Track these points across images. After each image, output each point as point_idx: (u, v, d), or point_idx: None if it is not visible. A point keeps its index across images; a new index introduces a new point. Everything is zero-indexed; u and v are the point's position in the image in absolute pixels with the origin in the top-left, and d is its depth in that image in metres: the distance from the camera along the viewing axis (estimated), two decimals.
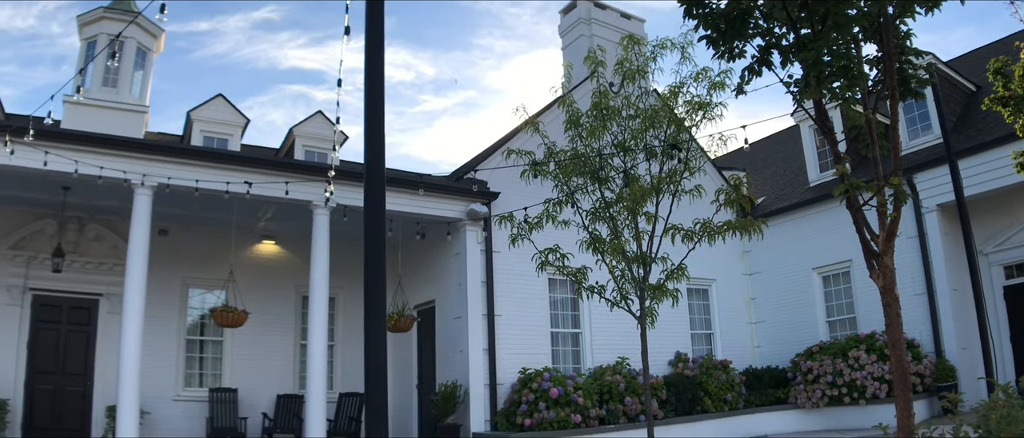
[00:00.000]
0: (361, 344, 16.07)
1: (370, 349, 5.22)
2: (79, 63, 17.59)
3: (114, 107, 16.40)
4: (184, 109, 56.92)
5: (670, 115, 9.95)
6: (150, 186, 12.89)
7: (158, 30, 17.91)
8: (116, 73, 16.95)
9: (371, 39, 5.52)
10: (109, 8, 17.35)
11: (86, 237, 16.00)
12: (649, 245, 9.84)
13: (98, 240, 16.12)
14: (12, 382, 15.06)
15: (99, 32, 17.03)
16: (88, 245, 16.04)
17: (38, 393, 15.41)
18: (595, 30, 17.96)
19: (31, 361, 15.46)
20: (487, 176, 15.41)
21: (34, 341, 15.54)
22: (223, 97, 17.78)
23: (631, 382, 15.05)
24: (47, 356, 15.63)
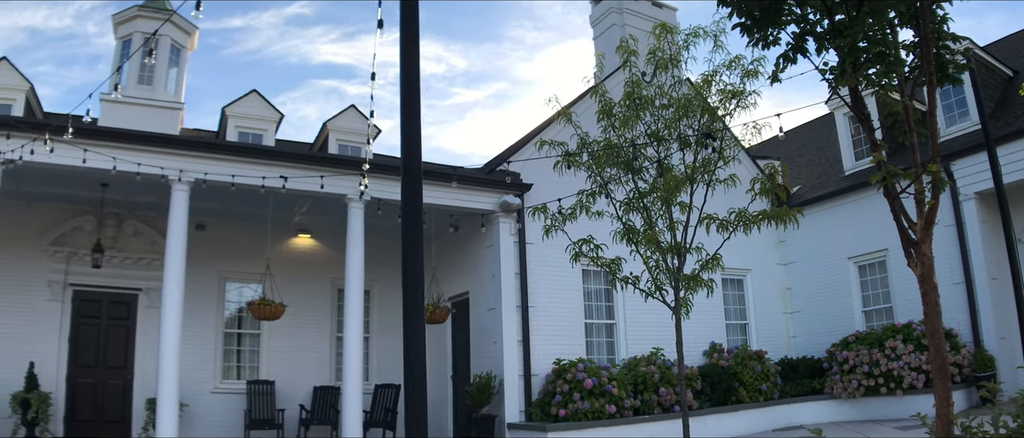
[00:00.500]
0: (396, 336, 16.32)
1: (409, 341, 5.24)
2: (114, 62, 17.82)
3: (150, 104, 16.61)
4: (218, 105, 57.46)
5: (703, 104, 9.90)
6: (187, 182, 13.06)
7: (192, 27, 18.09)
8: (151, 71, 17.15)
9: (405, 32, 5.55)
10: (143, 7, 17.56)
11: (124, 233, 16.23)
12: (684, 235, 9.81)
13: (136, 236, 16.34)
14: (54, 376, 15.31)
15: (134, 30, 17.24)
16: (127, 241, 16.27)
17: (80, 387, 15.67)
18: (627, 19, 17.90)
19: (72, 355, 15.72)
20: (520, 168, 15.43)
21: (75, 336, 15.80)
22: (257, 93, 17.93)
23: (666, 373, 15.03)
24: (88, 350, 15.89)
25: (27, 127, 12.17)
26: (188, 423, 15.12)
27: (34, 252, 15.62)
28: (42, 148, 11.48)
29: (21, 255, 15.32)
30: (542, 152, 10.49)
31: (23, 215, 15.49)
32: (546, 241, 10.48)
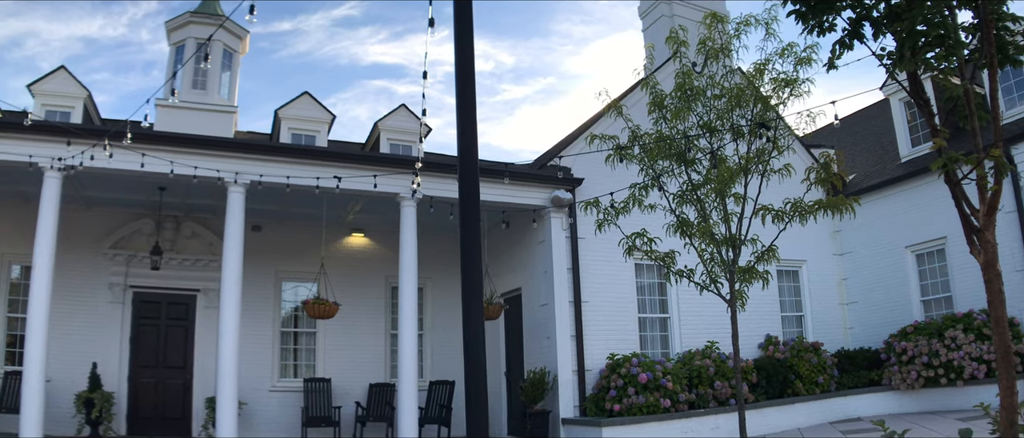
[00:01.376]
0: (449, 333, 16.41)
1: (469, 338, 5.26)
2: (168, 67, 18.11)
3: (204, 108, 16.86)
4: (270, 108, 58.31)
5: (756, 93, 9.81)
6: (243, 184, 13.27)
7: (243, 32, 18.32)
8: (205, 75, 17.40)
9: (460, 28, 5.57)
10: (195, 12, 17.81)
11: (182, 235, 16.53)
12: (738, 227, 9.73)
13: (194, 237, 16.63)
14: (116, 376, 15.67)
15: (187, 36, 17.51)
16: (184, 243, 16.57)
17: (141, 386, 16.01)
18: (676, 10, 17.74)
19: (133, 356, 16.05)
20: (570, 162, 15.42)
21: (136, 337, 16.14)
22: (309, 95, 18.11)
23: (721, 366, 14.94)
24: (148, 351, 16.21)
25: (86, 134, 12.44)
26: (247, 421, 15.36)
27: (95, 256, 15.99)
28: (101, 154, 11.73)
29: (83, 259, 15.69)
30: (593, 146, 10.46)
31: (84, 219, 15.86)
32: (598, 236, 10.43)
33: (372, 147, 18.99)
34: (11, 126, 12.73)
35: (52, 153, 12.49)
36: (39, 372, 12.08)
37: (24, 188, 14.57)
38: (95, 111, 18.04)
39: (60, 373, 14.61)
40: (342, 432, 16.03)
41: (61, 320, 14.32)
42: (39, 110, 16.11)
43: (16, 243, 15.32)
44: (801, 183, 9.78)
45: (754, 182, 9.79)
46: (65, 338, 14.97)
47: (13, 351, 15.56)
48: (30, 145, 12.50)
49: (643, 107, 10.66)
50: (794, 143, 10.87)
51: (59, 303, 13.30)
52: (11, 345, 15.64)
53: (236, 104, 17.97)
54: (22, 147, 12.50)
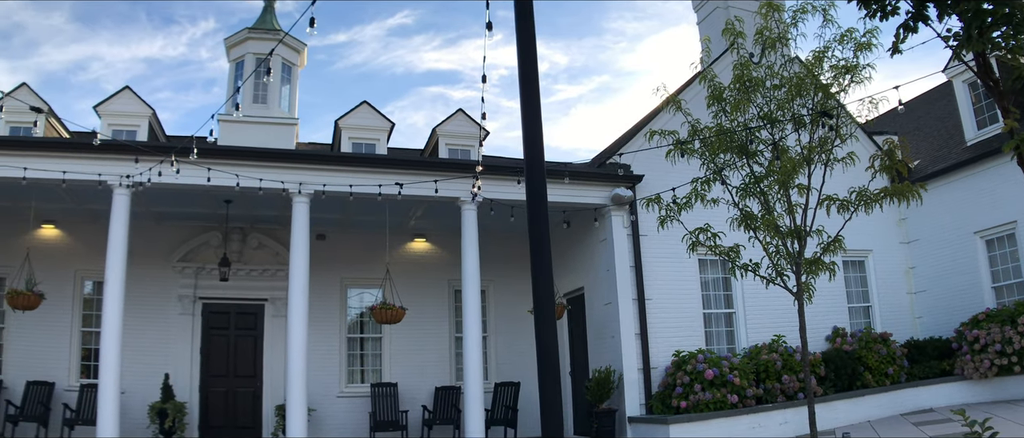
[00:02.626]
0: (513, 334, 16.46)
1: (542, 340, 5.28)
2: (229, 83, 18.48)
3: (266, 121, 17.17)
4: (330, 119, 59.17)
5: (816, 82, 9.70)
6: (307, 194, 13.51)
7: (300, 45, 18.61)
8: (265, 89, 17.73)
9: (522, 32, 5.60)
10: (253, 28, 18.15)
11: (249, 246, 16.83)
12: (803, 218, 9.63)
13: (260, 248, 16.93)
14: (188, 386, 16.02)
15: (245, 52, 17.86)
16: (251, 253, 16.87)
17: (212, 395, 16.33)
18: (731, 1, 17.58)
19: (204, 366, 16.38)
20: (630, 159, 15.38)
21: (206, 347, 16.47)
22: (368, 104, 18.31)
23: (788, 360, 14.78)
24: (219, 360, 16.54)
25: (153, 151, 12.77)
26: (315, 427, 15.58)
27: (165, 269, 16.37)
28: (169, 170, 12.02)
29: (153, 272, 16.07)
30: (653, 142, 10.44)
31: (153, 234, 16.25)
32: (661, 232, 10.37)
33: (431, 153, 19.13)
34: (80, 146, 13.13)
35: (120, 171, 12.83)
36: (114, 384, 12.39)
37: (94, 206, 14.96)
38: (160, 129, 18.45)
39: (134, 384, 14.97)
40: (409, 435, 16.19)
41: (133, 333, 14.66)
42: (106, 130, 16.52)
43: (89, 259, 15.75)
44: (865, 171, 9.65)
45: (817, 172, 9.68)
46: (138, 350, 15.33)
47: (88, 365, 15.99)
48: (99, 164, 12.88)
49: (701, 101, 10.60)
50: (856, 131, 10.71)
51: (131, 316, 13.62)
52: (86, 358, 16.09)
53: (297, 116, 18.27)
54: (91, 166, 12.88)
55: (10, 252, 15.53)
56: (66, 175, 12.72)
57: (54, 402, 15.19)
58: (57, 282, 15.49)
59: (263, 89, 17.75)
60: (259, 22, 18.74)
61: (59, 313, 15.73)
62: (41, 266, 14.64)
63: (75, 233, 16.40)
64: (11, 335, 15.77)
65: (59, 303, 15.56)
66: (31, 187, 13.19)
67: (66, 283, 16.02)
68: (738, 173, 10.11)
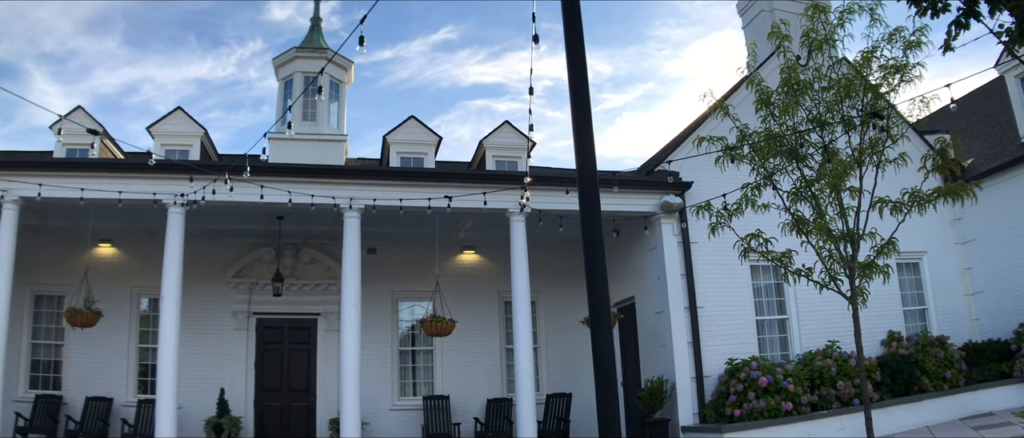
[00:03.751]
0: (563, 345, 16.46)
1: (599, 351, 5.25)
2: (278, 101, 18.76)
3: (315, 138, 17.39)
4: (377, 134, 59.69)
5: (865, 82, 9.60)
6: (358, 209, 13.69)
7: (347, 63, 18.83)
8: (314, 107, 17.97)
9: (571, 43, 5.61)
10: (301, 47, 18.42)
11: (301, 261, 17.05)
12: (855, 221, 9.52)
13: (312, 263, 17.13)
14: (243, 400, 16.24)
15: (294, 71, 18.13)
16: (304, 269, 17.08)
17: (267, 410, 16.52)
18: (776, 4, 17.40)
19: (259, 380, 16.60)
20: (678, 166, 15.29)
21: (260, 361, 16.69)
22: (415, 118, 18.43)
23: (843, 365, 14.59)
24: (273, 375, 16.74)
25: (207, 170, 13.01)
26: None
27: (219, 285, 16.64)
28: (222, 188, 12.23)
29: (208, 288, 16.34)
30: (701, 149, 10.39)
31: (208, 251, 16.52)
32: (711, 239, 10.32)
33: (478, 165, 19.21)
34: (136, 167, 13.43)
35: (175, 190, 13.11)
36: (171, 399, 12.63)
37: (149, 224, 15.28)
38: (211, 148, 18.74)
39: (190, 399, 15.20)
40: None
41: (189, 348, 14.92)
42: (159, 150, 16.82)
43: (144, 277, 16.06)
44: (917, 171, 9.54)
45: (869, 174, 9.57)
46: (193, 366, 15.59)
47: (145, 380, 16.27)
48: (154, 183, 13.19)
49: (749, 105, 10.53)
50: (907, 131, 10.58)
51: (187, 332, 13.86)
52: (143, 374, 16.39)
53: (345, 133, 18.48)
54: (147, 186, 13.19)
55: (68, 271, 15.90)
56: (122, 195, 13.02)
57: (112, 417, 15.50)
58: (114, 300, 15.81)
59: (312, 107, 17.99)
60: (306, 41, 19.00)
61: (116, 330, 16.05)
62: (98, 284, 14.95)
63: (131, 251, 16.73)
64: (70, 352, 16.14)
65: (116, 320, 15.87)
66: (88, 207, 13.52)
67: (123, 300, 16.35)
68: (788, 177, 10.03)
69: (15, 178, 12.99)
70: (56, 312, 16.35)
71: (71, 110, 16.33)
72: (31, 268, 15.45)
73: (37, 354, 16.35)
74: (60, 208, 14.08)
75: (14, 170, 13.16)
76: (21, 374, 15.96)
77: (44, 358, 16.34)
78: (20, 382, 15.88)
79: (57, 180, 13.01)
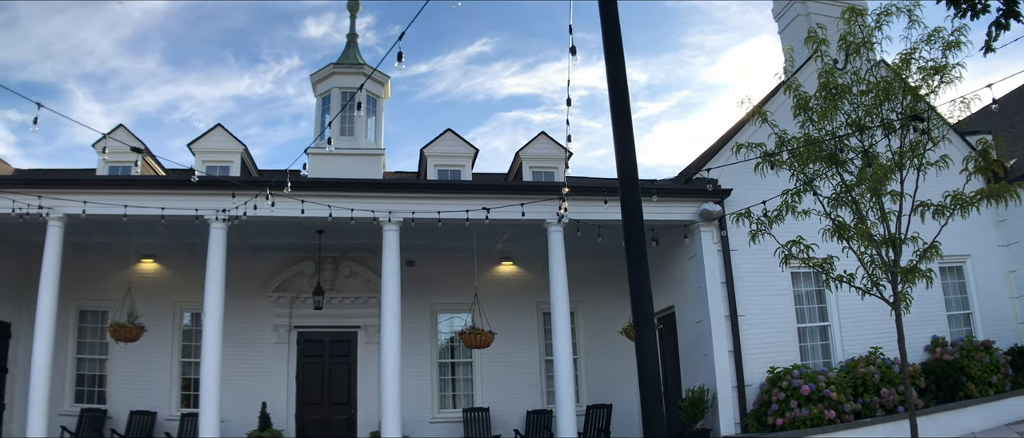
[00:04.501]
0: (603, 356, 16.40)
1: (643, 361, 5.27)
2: (316, 117, 18.97)
3: (354, 153, 17.53)
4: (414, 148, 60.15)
5: (904, 85, 9.52)
6: (396, 222, 13.80)
7: (384, 77, 18.99)
8: (352, 122, 18.13)
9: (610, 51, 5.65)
10: (338, 63, 18.61)
11: (341, 274, 17.18)
12: (897, 225, 9.44)
13: (352, 276, 17.25)
14: (285, 413, 16.38)
15: (331, 87, 18.33)
16: (343, 282, 17.21)
17: (308, 423, 16.64)
18: (811, 8, 17.29)
19: (300, 394, 16.72)
20: (717, 173, 15.20)
21: (301, 375, 16.82)
22: (452, 131, 18.50)
23: (886, 372, 14.42)
24: (313, 388, 16.85)
25: (249, 185, 13.17)
26: None
27: (260, 299, 16.82)
28: (264, 203, 12.40)
29: (250, 303, 16.52)
30: (740, 156, 10.35)
31: (249, 265, 16.70)
32: (752, 247, 10.25)
33: (515, 176, 19.25)
34: (178, 183, 13.65)
35: (217, 205, 13.30)
36: (214, 413, 12.77)
37: (190, 240, 15.50)
38: (252, 163, 18.95)
39: (232, 413, 15.34)
40: None
41: (231, 362, 15.01)
42: (200, 166, 17.03)
43: (186, 291, 16.28)
44: (959, 173, 9.45)
45: (910, 177, 9.49)
46: (235, 379, 15.70)
47: (188, 394, 16.47)
48: (196, 199, 13.38)
49: (787, 110, 10.48)
50: (949, 133, 10.48)
51: (228, 346, 13.98)
52: (185, 388, 16.58)
53: (383, 146, 18.63)
54: (189, 202, 13.38)
55: (112, 286, 16.15)
56: (165, 211, 13.22)
57: (156, 431, 15.73)
58: (157, 314, 16.03)
59: (350, 121, 18.15)
60: (343, 57, 19.19)
61: (159, 344, 16.28)
62: (141, 299, 15.17)
63: (173, 266, 16.97)
64: (115, 366, 16.41)
65: (159, 334, 16.09)
66: (131, 223, 13.73)
67: (165, 315, 16.58)
68: (828, 183, 9.96)
69: (60, 196, 13.22)
70: (100, 327, 16.64)
71: (113, 128, 16.59)
72: (75, 284, 15.72)
73: (82, 368, 16.65)
74: (103, 224, 14.33)
75: (59, 188, 13.40)
76: (67, 388, 16.25)
77: (89, 372, 16.63)
78: (66, 396, 16.17)
79: (101, 197, 13.24)
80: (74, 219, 13.47)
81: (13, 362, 16.10)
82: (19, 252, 16.17)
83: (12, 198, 13.12)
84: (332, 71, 18.44)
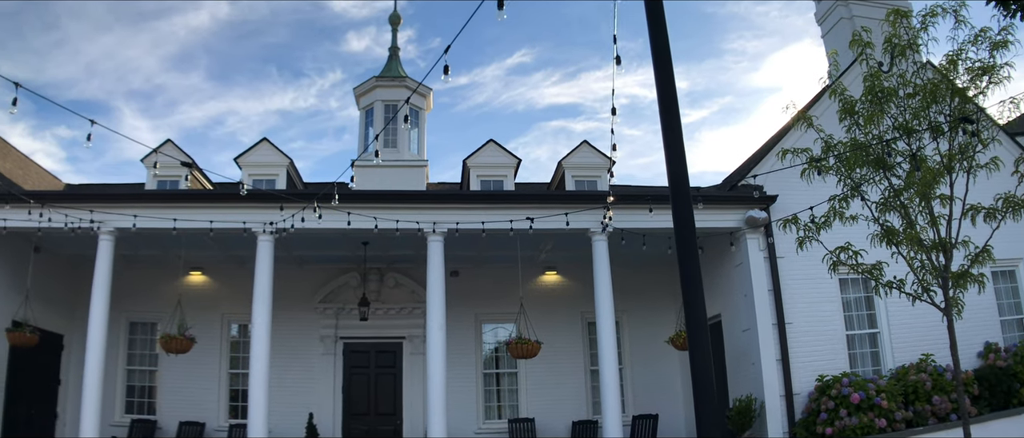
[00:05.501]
0: (649, 366, 16.32)
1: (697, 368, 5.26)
2: (360, 130, 19.18)
3: (397, 165, 17.69)
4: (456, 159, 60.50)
5: (951, 86, 9.39)
6: (441, 232, 13.92)
7: (426, 90, 19.15)
8: (395, 134, 18.30)
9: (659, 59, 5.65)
10: (380, 77, 18.80)
11: (386, 285, 17.30)
12: (948, 230, 9.30)
13: (397, 287, 17.37)
14: (331, 424, 16.55)
15: (374, 100, 18.52)
16: (388, 293, 17.33)
17: (354, 434, 16.76)
18: (855, 11, 17.13)
19: (346, 404, 16.85)
20: (762, 180, 15.09)
21: (347, 385, 16.96)
22: (494, 142, 18.57)
23: (938, 379, 14.18)
24: (360, 398, 16.98)
25: (296, 198, 13.38)
26: None
27: (306, 311, 16.99)
28: (311, 215, 12.60)
29: (297, 314, 16.69)
30: (785, 161, 10.27)
31: (295, 277, 16.89)
32: (799, 253, 10.16)
33: (557, 185, 19.26)
34: (226, 197, 13.89)
35: (264, 218, 13.49)
36: (262, 424, 12.92)
37: (238, 252, 15.70)
38: (297, 176, 19.17)
39: (279, 424, 15.52)
40: None
41: (278, 373, 15.22)
42: (246, 180, 17.25)
43: (234, 303, 16.52)
44: (1011, 176, 9.29)
45: (960, 180, 9.35)
46: (282, 390, 15.90)
47: (235, 405, 16.65)
48: (244, 213, 13.59)
49: (832, 115, 10.39)
50: (998, 134, 10.32)
51: (276, 357, 14.16)
52: (233, 399, 16.77)
53: (426, 158, 18.79)
54: (236, 215, 13.60)
55: (161, 299, 16.41)
56: (213, 224, 13.45)
57: None
58: (205, 326, 16.25)
59: (393, 134, 18.32)
60: (385, 70, 19.37)
61: (208, 356, 16.51)
62: (190, 311, 15.36)
63: (221, 279, 17.20)
64: (164, 378, 16.68)
65: (208, 346, 16.31)
66: (180, 236, 13.94)
67: (214, 326, 16.82)
68: (876, 187, 9.84)
69: (111, 210, 13.49)
70: (150, 338, 16.94)
71: (162, 143, 16.89)
72: (126, 296, 16.00)
73: (132, 379, 16.97)
74: (153, 238, 14.57)
75: (110, 202, 13.69)
76: (118, 399, 16.55)
77: (139, 383, 16.92)
78: (117, 406, 16.46)
79: (151, 211, 13.52)
80: (124, 232, 13.75)
81: (66, 373, 16.43)
82: (70, 266, 16.52)
83: (64, 213, 13.41)
84: (375, 84, 18.63)
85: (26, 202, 13.25)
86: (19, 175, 16.52)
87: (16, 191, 13.81)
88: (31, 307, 14.72)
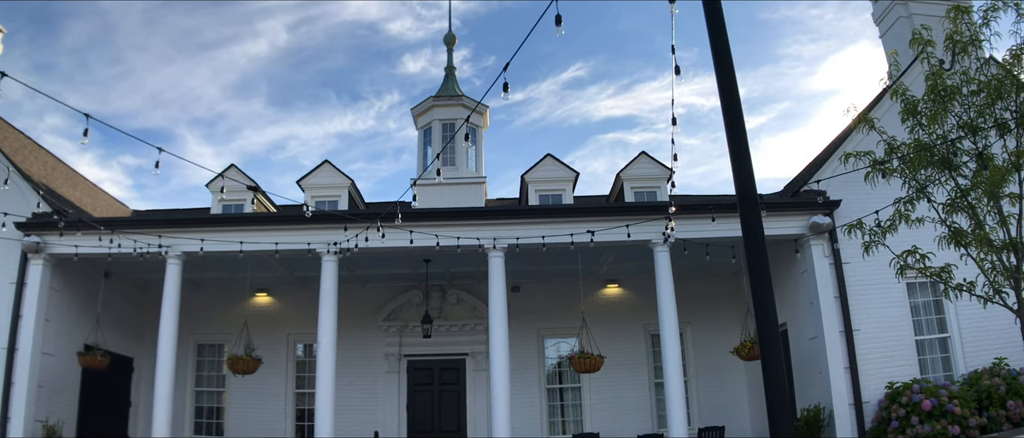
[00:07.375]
0: (714, 377, 16.19)
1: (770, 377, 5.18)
2: (418, 149, 19.41)
3: (456, 182, 17.83)
4: (514, 174, 60.65)
5: (1016, 81, 9.18)
6: (501, 248, 13.99)
7: (483, 108, 19.31)
8: (454, 152, 18.46)
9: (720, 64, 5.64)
10: (437, 97, 19.00)
11: (448, 302, 17.41)
12: (1018, 229, 9.10)
13: (459, 304, 17.47)
14: None
15: (432, 119, 18.74)
16: (450, 309, 17.43)
17: None
18: (913, 9, 16.84)
19: (411, 421, 16.95)
20: (825, 185, 14.90)
21: (412, 403, 17.07)
22: (552, 156, 18.62)
23: (1012, 384, 13.82)
24: (424, 415, 17.08)
25: (359, 218, 13.63)
26: None
27: (370, 329, 17.18)
28: (375, 234, 12.77)
29: (361, 333, 16.89)
30: (849, 165, 10.14)
31: (358, 296, 17.10)
32: (865, 259, 9.95)
33: (616, 197, 19.23)
34: (290, 219, 14.12)
35: (328, 239, 13.71)
36: None
37: (302, 273, 15.95)
38: (359, 197, 19.41)
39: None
40: None
41: (343, 391, 15.40)
42: (309, 202, 17.52)
43: (299, 323, 16.78)
44: None
45: None
46: (347, 409, 16.07)
47: (301, 424, 16.86)
48: (308, 234, 13.83)
49: (895, 116, 10.23)
50: None
51: (341, 375, 14.37)
52: (299, 419, 16.99)
53: (484, 175, 18.89)
54: (301, 236, 13.84)
55: (228, 320, 16.74)
56: (278, 246, 13.70)
57: None
58: (271, 346, 16.54)
59: (451, 152, 18.50)
60: (442, 90, 19.57)
61: (274, 376, 16.79)
62: (255, 332, 15.66)
63: (286, 299, 17.47)
64: (232, 398, 16.94)
65: (273, 366, 16.60)
66: (246, 259, 14.21)
67: (279, 347, 17.08)
68: (942, 188, 9.66)
69: (178, 235, 13.81)
70: (217, 360, 17.27)
71: (226, 168, 17.21)
72: (193, 319, 16.36)
73: (200, 401, 17.29)
74: (219, 261, 14.89)
75: (177, 227, 14.02)
76: (186, 420, 16.87)
77: (206, 404, 17.22)
78: (186, 427, 16.79)
79: (217, 235, 13.79)
80: (192, 256, 14.07)
81: (136, 395, 16.81)
82: (139, 290, 16.91)
83: (133, 238, 13.75)
84: (432, 104, 18.83)
85: (96, 229, 13.62)
86: (88, 203, 16.98)
87: (87, 218, 14.20)
88: (102, 331, 15.13)
